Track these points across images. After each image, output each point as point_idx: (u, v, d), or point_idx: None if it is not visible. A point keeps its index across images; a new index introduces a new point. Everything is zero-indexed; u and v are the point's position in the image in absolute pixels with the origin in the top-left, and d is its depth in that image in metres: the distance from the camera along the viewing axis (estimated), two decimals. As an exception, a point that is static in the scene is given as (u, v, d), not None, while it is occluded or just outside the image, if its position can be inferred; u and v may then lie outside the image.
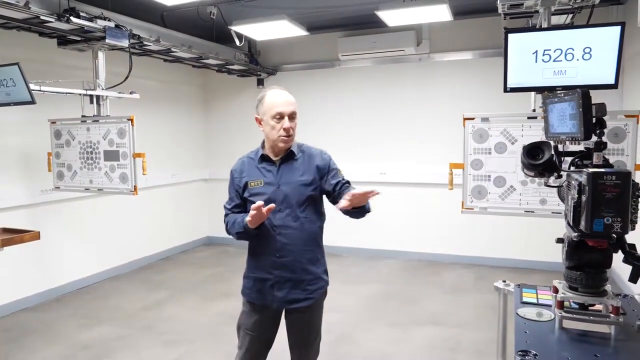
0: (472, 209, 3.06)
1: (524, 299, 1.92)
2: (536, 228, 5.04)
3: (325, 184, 2.22)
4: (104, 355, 3.65)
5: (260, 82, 6.69)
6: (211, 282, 5.26)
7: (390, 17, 4.60)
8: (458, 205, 3.17)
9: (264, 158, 2.24)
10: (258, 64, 6.42)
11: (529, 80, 2.49)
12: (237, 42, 5.36)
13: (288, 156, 2.23)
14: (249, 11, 5.01)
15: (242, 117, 6.74)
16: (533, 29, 3.18)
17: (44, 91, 3.73)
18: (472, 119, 3.05)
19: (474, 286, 5.07)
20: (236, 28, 4.95)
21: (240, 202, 2.27)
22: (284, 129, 2.15)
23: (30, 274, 4.70)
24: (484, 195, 3.03)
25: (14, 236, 3.31)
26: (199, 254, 6.66)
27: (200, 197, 6.94)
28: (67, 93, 3.98)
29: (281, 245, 2.16)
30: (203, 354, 3.63)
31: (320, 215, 2.27)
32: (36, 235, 3.37)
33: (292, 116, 2.19)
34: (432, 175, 5.80)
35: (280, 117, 2.15)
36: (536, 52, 2.42)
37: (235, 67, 6.16)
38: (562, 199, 1.71)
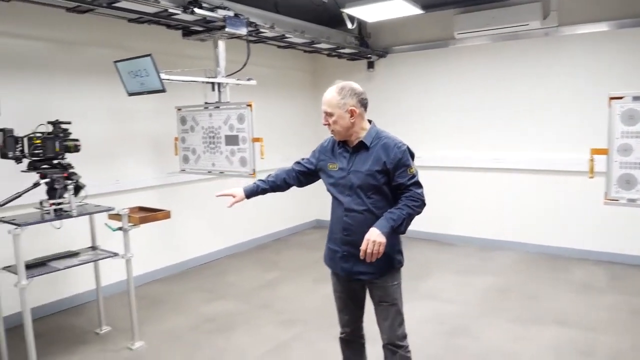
0: (618, 200, 2.72)
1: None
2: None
3: (392, 180, 2.29)
4: (227, 328, 3.86)
5: (370, 65, 6.60)
6: (321, 264, 5.27)
7: (516, -11, 4.23)
8: (592, 194, 2.85)
9: (342, 144, 2.40)
10: (368, 47, 6.32)
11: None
12: (349, 25, 5.30)
13: (360, 146, 2.34)
14: (362, -8, 4.91)
15: (352, 101, 6.69)
16: None
17: (172, 80, 3.97)
18: (621, 98, 2.69)
19: (608, 285, 4.58)
20: (349, 10, 4.89)
21: (306, 169, 2.58)
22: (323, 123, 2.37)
23: (160, 249, 5.11)
24: (633, 185, 2.67)
25: (150, 214, 3.59)
26: (308, 236, 6.81)
27: (310, 180, 7.05)
28: (191, 81, 4.21)
29: (347, 225, 2.34)
30: (317, 335, 3.69)
31: (391, 202, 2.31)
32: (167, 214, 3.63)
33: (326, 113, 2.33)
34: (559, 161, 5.35)
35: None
36: None
37: (346, 50, 6.11)
38: None
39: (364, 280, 2.41)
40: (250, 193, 2.63)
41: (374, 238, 2.17)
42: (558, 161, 5.39)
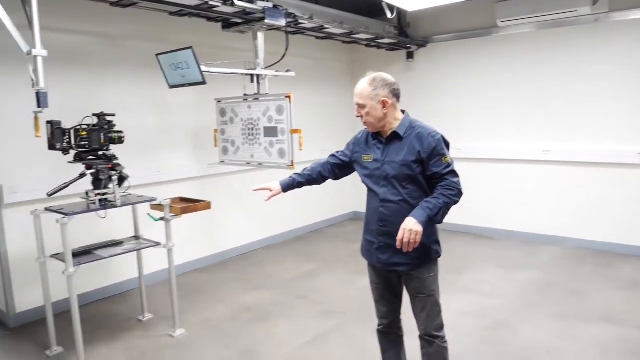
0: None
1: None
2: None
3: (426, 170, 2.27)
4: (264, 319, 3.90)
5: (410, 56, 6.48)
6: (359, 256, 5.25)
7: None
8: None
9: (376, 135, 2.40)
10: (408, 37, 6.21)
11: None
12: (389, 14, 5.21)
13: (393, 136, 2.33)
14: (402, -19, 4.82)
15: (390, 92, 6.60)
16: None
17: (212, 72, 4.01)
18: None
19: (659, 282, 4.38)
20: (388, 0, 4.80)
21: (341, 162, 2.60)
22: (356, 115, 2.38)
23: (200, 239, 5.21)
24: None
25: (190, 205, 3.66)
26: (345, 228, 6.80)
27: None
28: (231, 73, 4.24)
29: (384, 216, 2.34)
30: (355, 327, 3.67)
31: (427, 192, 2.30)
32: (208, 205, 3.69)
33: (359, 105, 2.33)
34: (608, 154, 5.16)
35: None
36: None
37: (385, 40, 6.02)
38: None
39: (401, 272, 2.40)
40: (287, 187, 2.67)
41: (411, 227, 2.15)
42: (607, 153, 5.17)
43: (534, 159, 5.69)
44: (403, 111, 2.38)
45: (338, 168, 2.64)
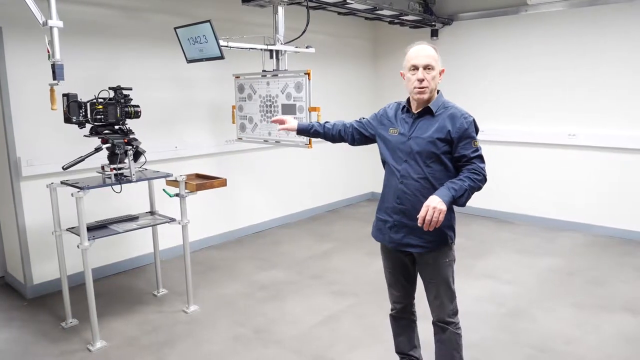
0: None
1: None
2: None
3: (454, 151, 2.23)
4: (278, 297, 3.89)
5: (434, 34, 6.29)
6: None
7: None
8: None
9: (406, 110, 2.36)
10: (433, 14, 6.01)
11: None
12: (413, -10, 5.04)
13: (426, 111, 2.28)
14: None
15: (412, 71, 6.44)
16: None
17: (230, 47, 3.93)
18: None
19: (686, 274, 4.23)
20: (413, -26, 4.64)
21: (365, 130, 2.53)
22: (418, 79, 2.21)
23: (216, 216, 5.20)
24: None
25: (206, 182, 3.62)
26: (362, 208, 6.73)
27: (367, 152, 6.88)
28: (250, 48, 4.15)
29: (401, 193, 2.29)
30: (368, 309, 3.64)
31: (450, 173, 2.25)
32: (224, 182, 3.66)
33: (427, 67, 2.22)
34: (637, 139, 4.96)
35: (414, 68, 2.22)
36: None
37: (409, 17, 5.84)
38: None
39: (414, 254, 2.35)
40: (303, 129, 2.68)
41: (435, 205, 2.07)
42: (634, 139, 5.00)
43: (558, 143, 5.52)
44: (438, 90, 2.34)
45: (359, 134, 2.58)
